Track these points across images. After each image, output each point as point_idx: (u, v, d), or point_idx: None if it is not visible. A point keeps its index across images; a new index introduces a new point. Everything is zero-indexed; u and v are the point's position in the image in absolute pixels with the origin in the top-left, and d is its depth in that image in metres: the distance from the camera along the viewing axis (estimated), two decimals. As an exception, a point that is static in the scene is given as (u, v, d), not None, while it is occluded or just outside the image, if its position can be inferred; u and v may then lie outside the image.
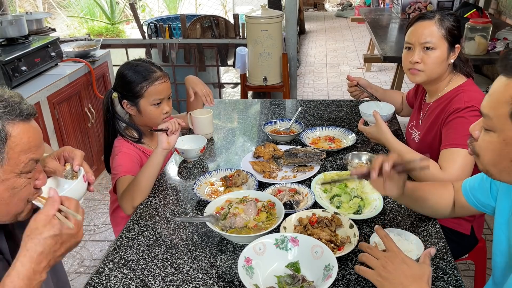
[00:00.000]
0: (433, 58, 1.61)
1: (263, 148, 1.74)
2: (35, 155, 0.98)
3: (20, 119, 0.95)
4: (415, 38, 1.63)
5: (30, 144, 0.97)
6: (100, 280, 1.19)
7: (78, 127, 3.11)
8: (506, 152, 0.87)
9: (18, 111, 0.94)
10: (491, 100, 0.88)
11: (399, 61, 3.49)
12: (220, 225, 1.33)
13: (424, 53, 1.61)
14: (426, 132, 1.69)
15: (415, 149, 1.64)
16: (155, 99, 1.70)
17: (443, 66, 1.62)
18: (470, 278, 2.34)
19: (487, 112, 0.89)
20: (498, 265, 1.10)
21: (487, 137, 0.90)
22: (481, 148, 0.93)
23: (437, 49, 1.60)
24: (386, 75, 5.60)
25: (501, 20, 4.13)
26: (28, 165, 0.97)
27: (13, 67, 2.60)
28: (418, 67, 1.64)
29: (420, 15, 1.66)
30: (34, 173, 1.01)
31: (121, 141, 1.74)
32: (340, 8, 10.06)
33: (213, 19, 4.01)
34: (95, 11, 7.82)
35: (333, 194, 1.49)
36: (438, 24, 1.60)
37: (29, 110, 0.97)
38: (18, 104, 0.95)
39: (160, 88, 1.70)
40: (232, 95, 5.23)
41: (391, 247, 1.01)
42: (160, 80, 1.71)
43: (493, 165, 0.92)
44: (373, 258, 1.00)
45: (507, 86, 0.84)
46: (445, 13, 1.64)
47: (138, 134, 1.77)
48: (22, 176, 0.97)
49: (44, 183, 1.05)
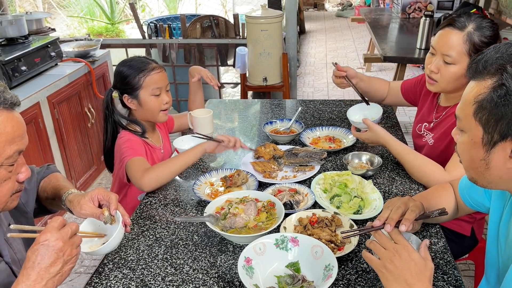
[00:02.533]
0: (450, 72, 1.52)
1: (263, 148, 1.74)
2: (19, 146, 0.98)
3: (3, 107, 0.95)
4: (438, 45, 1.54)
5: (14, 134, 0.96)
6: (100, 280, 1.19)
7: (78, 127, 3.10)
8: (475, 151, 0.90)
9: (1, 99, 0.94)
10: (461, 103, 0.93)
11: (399, 61, 3.53)
12: (220, 225, 1.33)
13: (443, 64, 1.53)
14: (441, 136, 1.63)
15: (427, 151, 1.59)
16: (154, 89, 1.73)
17: (459, 82, 1.52)
18: (470, 278, 2.34)
19: (458, 114, 0.94)
20: (490, 263, 1.11)
21: (461, 139, 0.95)
22: (459, 151, 0.97)
23: (456, 65, 1.50)
24: (386, 75, 5.60)
25: (501, 20, 4.13)
26: (12, 157, 0.96)
27: (13, 67, 2.60)
28: (433, 77, 1.57)
29: (451, 20, 1.52)
30: (16, 166, 1.00)
31: (125, 133, 1.76)
32: (340, 8, 10.06)
33: (213, 19, 4.01)
34: (95, 11, 7.82)
35: (333, 194, 1.49)
36: (465, 37, 1.47)
37: (13, 99, 0.97)
38: (1, 93, 0.95)
39: (157, 77, 1.74)
40: (232, 95, 5.22)
41: (399, 239, 1.00)
42: (156, 70, 1.75)
43: (470, 167, 0.95)
44: (381, 248, 1.00)
45: (473, 88, 0.89)
46: (482, 23, 1.49)
47: (141, 128, 1.79)
48: (2, 167, 0.96)
49: (27, 175, 1.04)
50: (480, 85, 0.87)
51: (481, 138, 0.88)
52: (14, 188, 1.02)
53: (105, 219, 1.19)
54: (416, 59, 3.28)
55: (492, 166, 0.89)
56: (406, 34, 4.03)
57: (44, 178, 1.35)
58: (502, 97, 0.83)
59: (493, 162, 0.88)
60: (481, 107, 0.86)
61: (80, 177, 3.14)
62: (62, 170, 2.88)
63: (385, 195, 1.51)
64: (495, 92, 0.84)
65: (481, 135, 0.88)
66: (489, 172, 0.91)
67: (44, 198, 1.32)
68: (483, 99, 0.86)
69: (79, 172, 3.13)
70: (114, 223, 1.20)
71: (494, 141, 0.86)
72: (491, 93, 0.85)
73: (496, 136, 0.86)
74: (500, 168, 0.89)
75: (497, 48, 0.88)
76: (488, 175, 0.91)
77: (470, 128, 0.90)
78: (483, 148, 0.89)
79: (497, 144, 0.86)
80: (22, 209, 1.24)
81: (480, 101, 0.86)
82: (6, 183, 0.98)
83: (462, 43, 1.48)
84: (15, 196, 1.04)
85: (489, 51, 0.88)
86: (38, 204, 1.33)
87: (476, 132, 0.89)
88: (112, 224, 1.20)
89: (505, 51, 0.86)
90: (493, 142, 0.87)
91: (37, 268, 0.92)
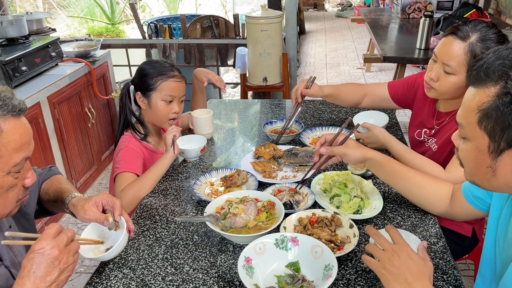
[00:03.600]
0: (448, 82, 1.50)
1: (263, 149, 1.74)
2: (26, 153, 0.97)
3: (12, 115, 0.94)
4: (440, 53, 1.50)
5: (22, 141, 0.96)
6: (100, 280, 1.20)
7: (78, 127, 3.11)
8: (481, 159, 0.89)
9: (10, 106, 0.93)
10: (463, 110, 0.92)
11: (399, 61, 3.53)
12: (220, 225, 1.33)
13: (443, 73, 1.50)
14: (446, 141, 1.62)
15: (432, 157, 1.59)
16: (166, 95, 1.74)
17: (458, 92, 1.50)
18: (470, 278, 2.34)
19: (460, 122, 0.93)
20: (486, 260, 1.12)
21: (464, 146, 0.94)
22: (462, 157, 0.96)
23: (456, 75, 1.47)
24: (386, 75, 5.60)
25: (501, 20, 4.13)
26: (19, 165, 0.96)
27: (13, 67, 2.60)
28: (432, 84, 1.55)
29: (455, 28, 1.47)
30: (22, 172, 1.00)
31: (128, 136, 1.77)
32: (340, 8, 10.06)
33: (213, 19, 4.01)
34: (95, 11, 7.82)
35: (333, 194, 1.49)
36: (466, 48, 1.42)
37: (21, 105, 0.96)
38: (10, 100, 0.94)
39: (174, 85, 1.75)
40: (232, 95, 5.23)
41: (397, 240, 1.01)
42: (176, 78, 1.76)
43: (474, 173, 0.94)
44: (379, 250, 1.00)
45: (474, 96, 0.88)
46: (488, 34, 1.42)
47: (144, 131, 1.80)
48: (9, 175, 0.96)
49: (33, 180, 1.04)
50: (483, 92, 0.86)
51: (487, 146, 0.87)
52: (20, 194, 1.02)
53: (109, 225, 1.20)
54: (415, 59, 3.28)
55: (499, 173, 0.88)
56: (406, 34, 4.03)
57: (46, 180, 1.35)
58: (507, 105, 0.82)
59: (500, 169, 0.88)
60: (486, 116, 0.85)
61: (80, 177, 3.14)
62: (62, 170, 2.88)
63: (385, 195, 1.51)
64: (500, 100, 0.82)
65: (487, 143, 0.87)
66: (495, 179, 0.90)
67: (46, 201, 1.32)
68: (487, 107, 0.84)
69: (80, 172, 3.13)
70: (119, 229, 1.21)
71: (501, 149, 0.85)
72: (496, 101, 0.83)
73: (503, 144, 0.84)
74: (507, 175, 0.88)
75: (497, 53, 0.86)
76: (494, 182, 0.91)
77: (474, 136, 0.89)
78: (489, 156, 0.88)
79: (504, 151, 0.85)
80: (23, 211, 1.24)
81: (485, 110, 0.85)
82: (12, 189, 0.98)
83: (463, 54, 1.43)
84: (19, 203, 1.04)
85: (489, 56, 0.86)
86: (39, 205, 1.34)
87: (482, 141, 0.88)
88: (116, 230, 1.21)
89: (506, 56, 0.84)
90: (499, 150, 0.85)
91: (32, 277, 0.90)
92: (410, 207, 1.44)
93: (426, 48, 3.25)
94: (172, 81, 1.75)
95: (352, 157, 1.38)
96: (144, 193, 1.58)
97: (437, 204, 1.34)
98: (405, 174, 1.37)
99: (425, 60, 3.16)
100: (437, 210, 1.36)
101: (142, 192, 1.57)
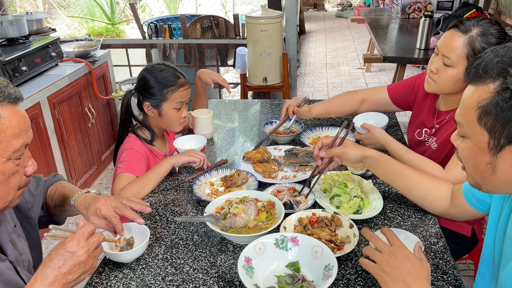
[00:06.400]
0: (447, 75, 1.52)
1: (253, 152, 1.74)
2: (25, 140, 0.99)
3: (8, 101, 0.96)
4: (441, 46, 1.53)
5: (20, 127, 0.97)
6: (100, 280, 1.20)
7: (78, 127, 3.11)
8: (481, 156, 0.90)
9: (6, 94, 0.96)
10: (461, 108, 0.92)
11: (399, 61, 3.53)
12: (220, 225, 1.33)
13: (443, 65, 1.52)
14: (446, 140, 1.62)
15: (431, 156, 1.59)
16: (178, 103, 1.77)
17: (457, 86, 1.52)
18: (470, 278, 2.34)
19: (459, 120, 0.93)
20: (486, 259, 1.12)
21: (463, 144, 0.94)
22: (461, 156, 0.97)
23: (454, 68, 1.49)
24: (386, 75, 5.60)
25: (501, 20, 4.13)
26: (19, 151, 0.98)
27: (14, 67, 2.60)
28: (432, 77, 1.57)
29: (458, 22, 1.50)
30: (23, 159, 1.02)
31: (133, 138, 1.77)
32: (340, 8, 10.07)
33: (213, 19, 4.01)
34: (95, 11, 7.83)
35: (333, 194, 1.49)
36: (466, 41, 1.44)
37: (17, 93, 0.99)
38: (5, 88, 0.97)
39: (184, 94, 1.79)
40: (232, 95, 5.23)
41: (394, 241, 1.01)
42: (185, 86, 1.79)
43: (474, 172, 0.94)
44: (377, 252, 1.00)
45: (472, 93, 0.89)
46: (490, 29, 1.44)
47: (150, 135, 1.81)
48: (10, 161, 0.97)
49: (34, 168, 1.06)
50: (482, 89, 0.86)
51: (487, 143, 0.87)
52: (22, 182, 1.03)
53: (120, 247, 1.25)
54: (415, 59, 3.28)
55: (499, 170, 0.89)
56: (406, 34, 4.03)
57: (51, 186, 1.37)
58: (507, 101, 0.82)
59: (500, 165, 0.88)
60: (486, 112, 0.85)
61: (80, 177, 3.14)
62: (62, 170, 2.88)
63: (384, 195, 1.51)
64: (500, 96, 0.83)
65: (486, 140, 0.87)
66: (495, 176, 0.90)
67: (53, 206, 1.34)
68: (487, 103, 0.85)
69: (80, 172, 3.13)
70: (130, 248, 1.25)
71: (501, 145, 0.86)
72: (495, 97, 0.84)
73: (503, 140, 0.85)
74: (507, 172, 0.88)
75: (496, 52, 0.87)
76: (494, 179, 0.91)
77: (474, 134, 0.89)
78: (489, 152, 0.88)
79: (504, 147, 0.85)
80: (26, 214, 1.25)
81: (484, 106, 0.85)
82: (14, 176, 1.00)
83: (462, 46, 1.45)
84: (20, 192, 1.05)
85: (487, 55, 0.87)
86: (46, 212, 1.35)
87: (481, 138, 0.88)
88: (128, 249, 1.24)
89: (504, 54, 0.85)
90: (499, 146, 0.86)
91: (56, 271, 0.95)
92: (410, 207, 1.44)
93: (426, 48, 3.25)
94: (182, 90, 1.78)
95: (351, 156, 1.38)
96: (143, 194, 1.58)
97: (437, 204, 1.34)
98: (404, 172, 1.37)
99: (425, 60, 3.16)
100: (436, 209, 1.37)
101: (142, 193, 1.58)
